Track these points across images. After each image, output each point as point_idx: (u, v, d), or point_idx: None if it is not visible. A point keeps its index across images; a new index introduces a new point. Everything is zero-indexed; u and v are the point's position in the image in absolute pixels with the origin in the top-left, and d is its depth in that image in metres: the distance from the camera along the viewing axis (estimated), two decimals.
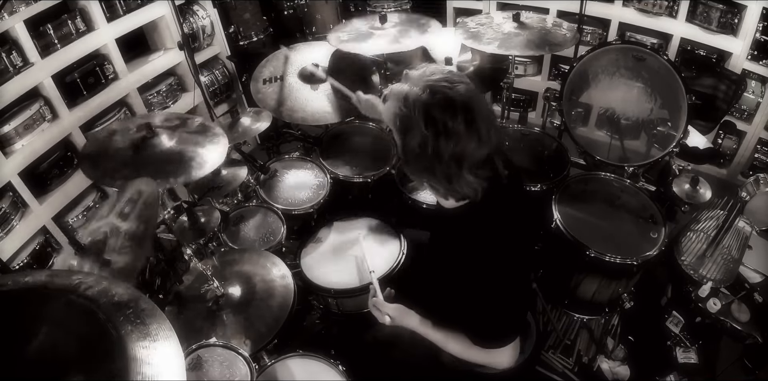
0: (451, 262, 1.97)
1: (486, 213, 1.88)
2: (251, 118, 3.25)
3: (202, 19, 4.22)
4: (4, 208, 3.24)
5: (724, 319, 3.05)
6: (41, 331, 1.27)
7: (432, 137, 1.67)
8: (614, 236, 2.97)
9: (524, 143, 3.67)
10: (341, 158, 3.54)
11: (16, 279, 1.40)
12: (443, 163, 1.71)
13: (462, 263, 1.89)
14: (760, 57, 3.78)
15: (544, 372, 3.21)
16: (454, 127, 1.65)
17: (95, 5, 3.50)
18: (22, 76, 3.22)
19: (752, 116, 4.02)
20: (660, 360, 3.24)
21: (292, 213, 3.16)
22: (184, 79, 4.35)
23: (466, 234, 1.92)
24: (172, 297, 2.59)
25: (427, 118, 1.66)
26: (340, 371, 2.34)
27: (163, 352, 1.26)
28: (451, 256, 1.98)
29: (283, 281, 2.62)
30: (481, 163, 1.74)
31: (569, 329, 3.43)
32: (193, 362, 2.14)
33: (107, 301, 1.34)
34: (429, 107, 1.66)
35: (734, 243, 3.15)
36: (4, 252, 3.19)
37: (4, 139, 3.24)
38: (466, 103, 1.67)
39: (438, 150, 1.68)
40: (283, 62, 3.70)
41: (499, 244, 1.86)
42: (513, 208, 2.02)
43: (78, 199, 3.73)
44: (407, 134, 1.73)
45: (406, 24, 3.57)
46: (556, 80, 4.80)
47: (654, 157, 3.32)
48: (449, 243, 2.04)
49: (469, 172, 1.73)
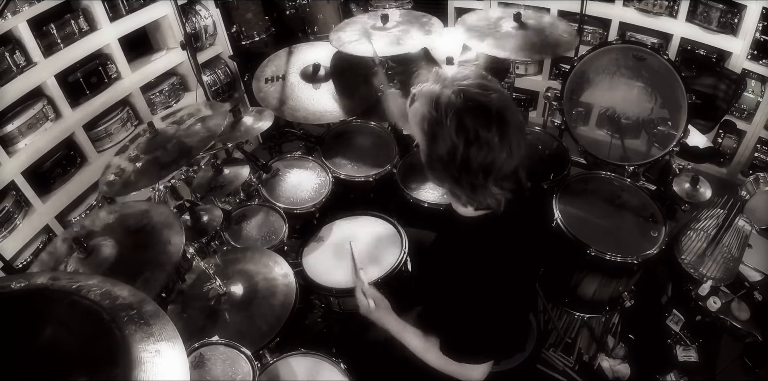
0: (453, 268, 1.92)
1: (503, 226, 1.84)
2: (253, 117, 3.24)
3: (204, 18, 4.24)
4: (8, 207, 3.26)
5: (724, 318, 3.06)
6: (46, 332, 1.28)
7: (463, 146, 1.60)
8: (615, 235, 2.98)
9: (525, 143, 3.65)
10: (343, 157, 3.56)
11: (21, 279, 1.41)
12: (471, 173, 1.65)
13: (464, 271, 1.84)
14: (759, 56, 3.79)
15: (545, 370, 3.23)
16: (487, 137, 1.59)
17: (98, 5, 3.53)
18: (25, 75, 3.24)
19: (752, 115, 4.03)
20: (660, 358, 3.25)
21: (294, 212, 3.16)
22: (186, 79, 4.38)
23: (477, 243, 1.87)
24: (174, 295, 2.60)
25: (459, 126, 1.60)
26: (341, 369, 2.34)
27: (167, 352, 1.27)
28: (454, 262, 1.92)
29: (285, 280, 2.62)
30: (508, 175, 1.69)
31: (570, 328, 3.44)
32: (196, 360, 2.14)
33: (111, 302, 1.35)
34: (462, 114, 1.60)
35: (734, 242, 3.17)
36: (7, 251, 3.20)
37: (7, 139, 3.27)
38: (501, 113, 1.61)
39: (467, 159, 1.62)
40: (285, 61, 3.71)
41: (507, 260, 1.82)
42: (531, 223, 1.99)
43: (81, 198, 3.75)
44: (435, 140, 1.66)
45: (407, 24, 3.55)
46: (556, 80, 4.80)
47: (654, 157, 3.32)
48: (457, 248, 1.98)
49: (494, 184, 1.68)
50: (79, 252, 2.21)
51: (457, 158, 1.63)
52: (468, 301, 1.83)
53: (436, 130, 1.65)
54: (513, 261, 1.84)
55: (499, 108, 1.61)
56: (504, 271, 1.80)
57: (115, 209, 2.46)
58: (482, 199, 1.74)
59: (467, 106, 1.60)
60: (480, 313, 1.83)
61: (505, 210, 1.78)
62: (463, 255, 1.89)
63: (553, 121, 3.85)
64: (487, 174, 1.65)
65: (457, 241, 2.00)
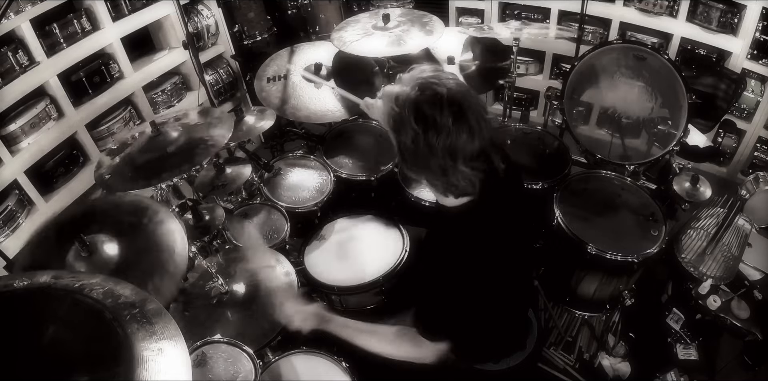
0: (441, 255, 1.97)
1: (485, 209, 1.89)
2: (255, 116, 3.26)
3: (206, 18, 4.25)
4: (11, 206, 3.28)
5: (724, 316, 3.06)
6: (48, 330, 1.29)
7: (422, 132, 1.69)
8: (615, 234, 2.98)
9: (526, 142, 3.68)
10: (345, 156, 3.56)
11: (23, 278, 1.42)
12: (437, 157, 1.72)
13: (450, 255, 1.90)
14: (759, 56, 3.80)
15: (546, 368, 3.24)
16: (441, 121, 1.67)
17: (101, 5, 3.54)
18: (28, 75, 3.26)
19: (752, 115, 4.04)
20: (660, 357, 3.26)
21: (295, 211, 3.17)
22: (188, 78, 4.39)
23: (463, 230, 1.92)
24: (177, 294, 2.60)
25: (417, 114, 1.68)
26: (343, 368, 2.35)
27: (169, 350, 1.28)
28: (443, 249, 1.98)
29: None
30: (475, 155, 1.75)
31: (570, 326, 3.46)
32: (198, 359, 2.15)
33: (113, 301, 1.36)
34: (418, 103, 1.69)
35: (734, 241, 3.18)
36: (10, 249, 3.21)
37: (10, 138, 3.28)
38: (453, 97, 1.68)
39: (429, 144, 1.69)
40: (287, 61, 3.72)
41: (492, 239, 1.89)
42: (510, 203, 2.05)
43: (83, 198, 3.74)
44: (400, 132, 1.75)
45: (408, 24, 3.54)
46: (557, 79, 4.82)
47: (654, 156, 3.33)
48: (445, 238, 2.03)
49: (464, 165, 1.74)
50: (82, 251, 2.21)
51: (420, 145, 1.71)
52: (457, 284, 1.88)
53: (399, 123, 1.74)
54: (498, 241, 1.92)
55: (451, 93, 1.70)
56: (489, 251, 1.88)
57: None
58: (455, 182, 1.80)
59: (423, 95, 1.70)
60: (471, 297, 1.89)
61: (484, 195, 1.85)
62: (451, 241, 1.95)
63: (554, 120, 3.86)
64: (453, 156, 1.72)
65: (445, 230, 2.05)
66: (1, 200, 3.28)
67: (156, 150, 2.67)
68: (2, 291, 1.40)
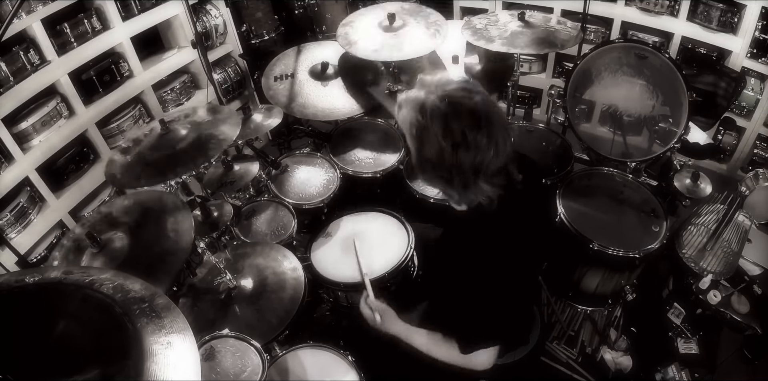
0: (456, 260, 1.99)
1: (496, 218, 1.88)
2: (263, 114, 3.28)
3: (215, 18, 4.28)
4: (22, 203, 3.31)
5: (724, 311, 3.10)
6: (59, 325, 1.32)
7: (450, 148, 1.66)
8: (617, 230, 3.00)
9: (529, 139, 3.70)
10: (351, 154, 3.58)
11: (35, 274, 1.45)
12: (463, 174, 1.70)
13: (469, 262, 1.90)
14: (759, 55, 3.82)
15: (549, 362, 3.28)
16: (473, 138, 1.64)
17: (111, 5, 3.57)
18: (39, 73, 3.30)
19: (752, 113, 4.06)
20: (662, 351, 3.29)
21: (302, 207, 3.19)
22: (197, 77, 4.43)
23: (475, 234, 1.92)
24: (185, 289, 2.65)
25: (446, 130, 1.65)
26: (349, 362, 2.39)
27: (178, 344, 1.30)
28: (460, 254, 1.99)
29: (294, 274, 2.65)
30: (496, 172, 1.74)
31: (573, 320, 3.49)
32: (207, 353, 2.17)
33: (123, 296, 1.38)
34: (447, 118, 1.65)
35: (734, 236, 3.19)
36: (21, 245, 3.26)
37: (22, 135, 3.32)
38: (486, 115, 1.66)
39: (456, 161, 1.67)
40: (294, 60, 3.76)
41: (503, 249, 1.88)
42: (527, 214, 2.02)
43: (94, 194, 3.80)
44: (423, 143, 1.72)
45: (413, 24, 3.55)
46: (560, 78, 4.85)
47: (656, 153, 3.34)
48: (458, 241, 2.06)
49: (485, 181, 1.73)
50: (92, 246, 2.27)
51: (446, 160, 1.69)
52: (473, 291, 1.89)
53: (424, 134, 1.71)
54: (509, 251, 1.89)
55: (483, 110, 1.67)
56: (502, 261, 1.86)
57: None
58: (474, 197, 1.80)
59: (452, 109, 1.66)
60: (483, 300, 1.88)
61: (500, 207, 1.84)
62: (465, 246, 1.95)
63: (557, 118, 3.87)
64: (477, 173, 1.70)
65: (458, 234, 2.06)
66: (13, 197, 3.31)
67: (165, 147, 2.71)
68: (14, 286, 1.42)
